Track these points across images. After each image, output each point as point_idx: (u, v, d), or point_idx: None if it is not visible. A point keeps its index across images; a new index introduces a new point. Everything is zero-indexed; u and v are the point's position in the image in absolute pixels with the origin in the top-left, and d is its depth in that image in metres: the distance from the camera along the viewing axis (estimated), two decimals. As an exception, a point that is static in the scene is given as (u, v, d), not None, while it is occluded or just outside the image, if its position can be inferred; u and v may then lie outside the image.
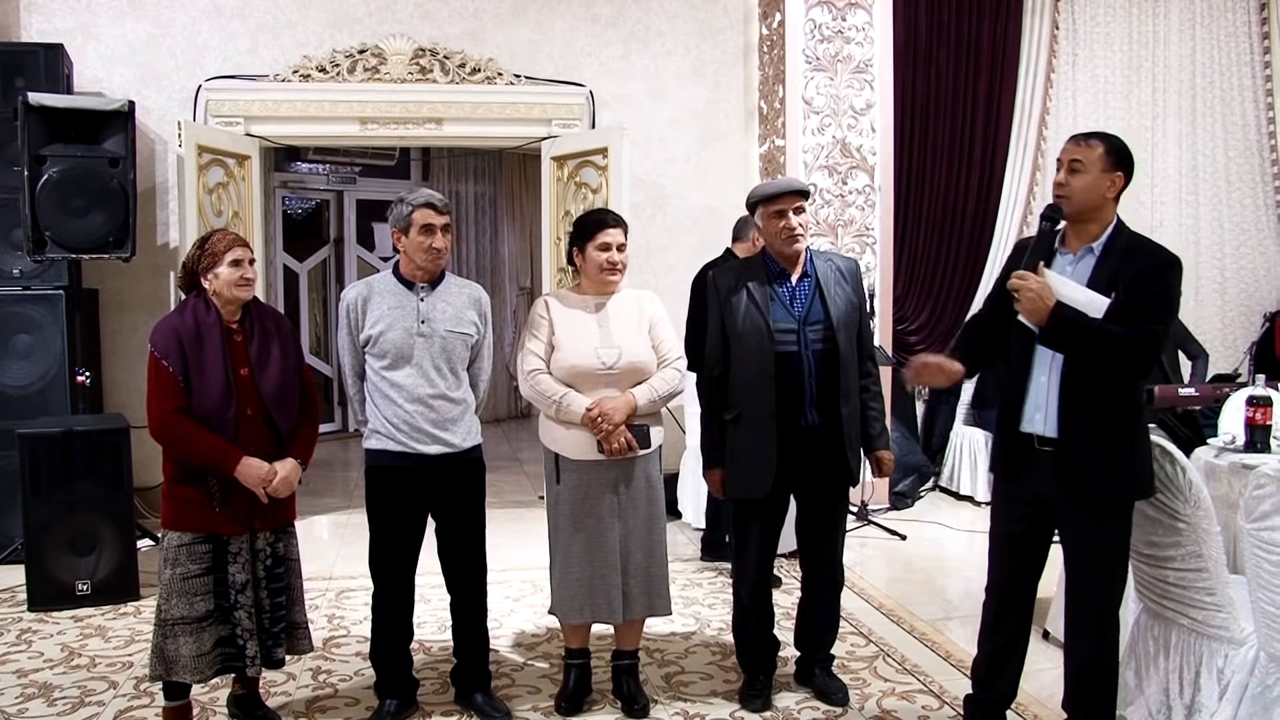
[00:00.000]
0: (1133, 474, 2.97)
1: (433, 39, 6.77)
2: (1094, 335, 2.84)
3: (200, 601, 3.25)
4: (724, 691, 3.80)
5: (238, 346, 3.33)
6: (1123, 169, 2.96)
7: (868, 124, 6.79)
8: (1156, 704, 3.21)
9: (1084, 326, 2.85)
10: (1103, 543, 2.99)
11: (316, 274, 10.25)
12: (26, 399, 5.56)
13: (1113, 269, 2.92)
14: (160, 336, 3.27)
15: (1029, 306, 2.89)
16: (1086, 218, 2.99)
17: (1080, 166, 2.95)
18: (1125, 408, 2.95)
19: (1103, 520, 2.98)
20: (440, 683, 3.84)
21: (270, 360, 3.36)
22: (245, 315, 3.38)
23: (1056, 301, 2.86)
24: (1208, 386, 5.76)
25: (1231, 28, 7.79)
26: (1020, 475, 3.10)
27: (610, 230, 3.56)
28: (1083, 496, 2.96)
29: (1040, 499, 3.06)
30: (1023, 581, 3.20)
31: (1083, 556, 3.03)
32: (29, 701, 3.73)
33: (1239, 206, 7.86)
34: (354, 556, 5.16)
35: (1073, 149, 2.99)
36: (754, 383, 3.51)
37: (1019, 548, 3.16)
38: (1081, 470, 2.94)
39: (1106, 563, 3.01)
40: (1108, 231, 2.98)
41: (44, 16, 6.41)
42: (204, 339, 3.27)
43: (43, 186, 5.35)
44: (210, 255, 3.31)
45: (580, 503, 3.52)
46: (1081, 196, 2.95)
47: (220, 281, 3.30)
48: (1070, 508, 3.00)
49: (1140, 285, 2.86)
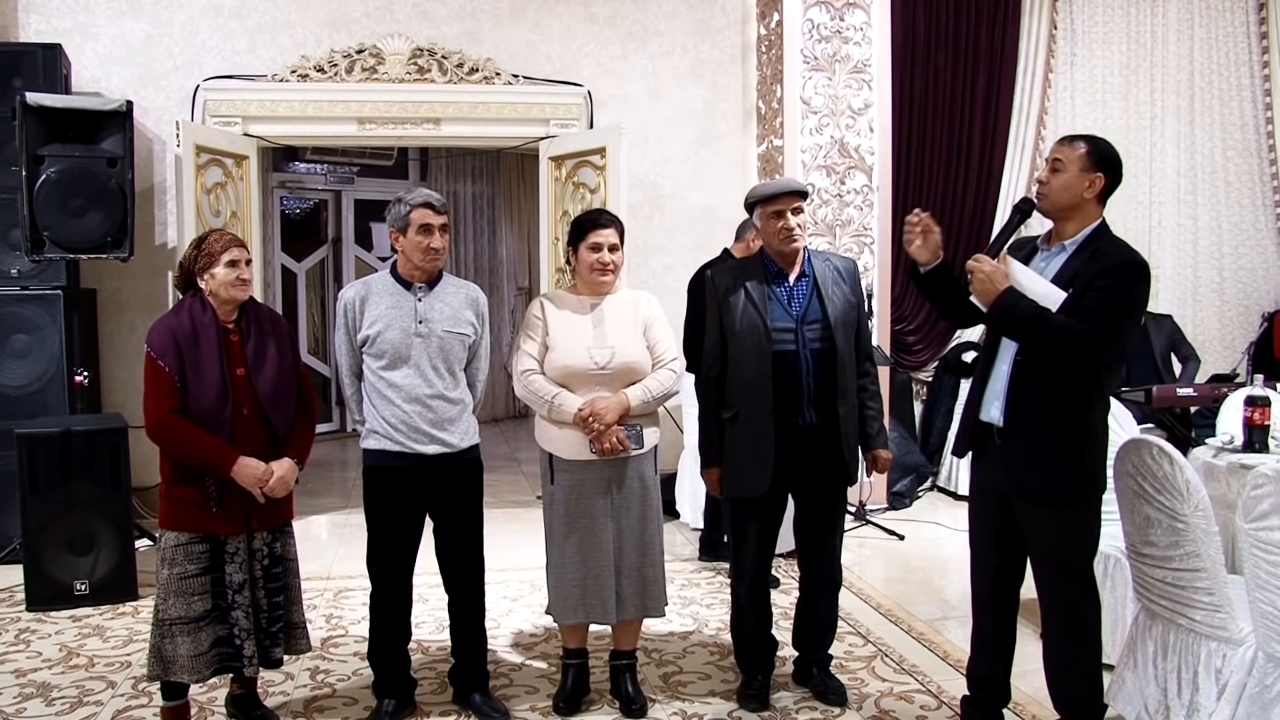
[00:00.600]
0: (1073, 467, 2.97)
1: (431, 39, 6.77)
2: (1033, 321, 2.90)
3: (198, 601, 3.25)
4: (722, 691, 3.80)
5: (234, 346, 3.33)
6: (1104, 170, 2.99)
7: (866, 124, 6.79)
8: (1155, 704, 3.20)
9: (1024, 311, 2.91)
10: (1058, 535, 3.00)
11: (314, 274, 10.24)
12: (25, 399, 5.56)
13: (1077, 267, 2.97)
14: (156, 336, 3.27)
15: (979, 288, 3.00)
16: (1065, 215, 3.04)
17: (1060, 166, 3.01)
18: (1073, 401, 2.96)
19: (1051, 512, 2.99)
20: (438, 682, 3.84)
21: (266, 360, 3.36)
22: (242, 315, 3.38)
23: (1006, 287, 2.94)
24: (1206, 386, 5.78)
25: (1230, 28, 7.79)
26: (979, 464, 3.18)
27: (602, 231, 3.56)
28: (1023, 487, 3.01)
29: (999, 491, 3.10)
30: (1005, 577, 3.20)
31: (1038, 549, 3.06)
32: (27, 701, 3.73)
33: (1237, 207, 7.86)
34: (352, 556, 5.16)
35: (1057, 149, 3.07)
36: (752, 382, 3.51)
37: (995, 542, 3.18)
38: (1021, 460, 3.00)
39: (1065, 557, 3.02)
40: (1085, 231, 3.02)
41: (42, 16, 6.41)
42: (200, 339, 3.27)
43: (41, 186, 5.35)
44: (206, 255, 3.31)
45: (574, 503, 3.52)
46: (1058, 194, 3.01)
47: (216, 282, 3.30)
48: (1020, 499, 3.04)
49: (1095, 282, 2.90)
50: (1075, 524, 3.01)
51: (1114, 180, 3.02)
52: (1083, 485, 2.99)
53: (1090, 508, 3.03)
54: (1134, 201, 7.70)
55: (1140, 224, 7.71)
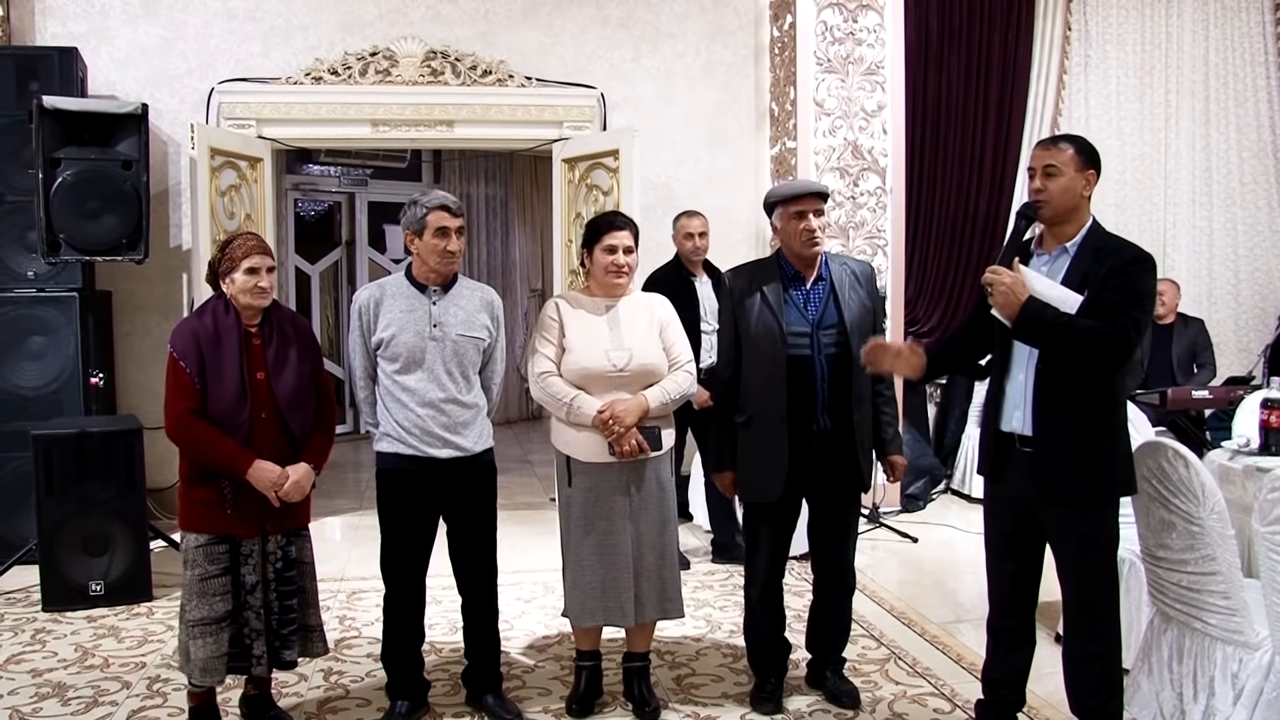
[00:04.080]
0: (1103, 468, 2.97)
1: (444, 41, 6.78)
2: (1062, 329, 2.90)
3: (219, 602, 3.27)
4: (735, 694, 3.80)
5: (255, 350, 3.35)
6: (1093, 167, 3.02)
7: (879, 126, 6.77)
8: (1170, 709, 3.19)
9: (1052, 320, 2.90)
10: (1084, 539, 3.00)
11: (328, 276, 10.27)
12: (40, 400, 5.58)
13: (1085, 268, 2.97)
14: (179, 338, 3.30)
15: (1001, 301, 2.96)
16: (1064, 219, 3.04)
17: (1055, 170, 3.00)
18: (1099, 404, 2.97)
19: (1080, 516, 2.98)
20: (451, 684, 3.85)
21: (287, 365, 3.38)
22: (265, 319, 3.41)
23: (1029, 296, 2.92)
24: (1221, 389, 5.75)
25: (1245, 28, 7.75)
26: (1003, 475, 3.15)
27: (616, 233, 3.56)
28: (1055, 493, 3.00)
29: (1022, 498, 3.09)
30: (1022, 583, 3.19)
31: (1067, 554, 3.04)
32: (43, 701, 3.75)
33: (1252, 208, 7.81)
34: (365, 558, 5.17)
35: (1043, 154, 3.05)
36: (766, 386, 3.51)
37: (1013, 548, 3.17)
38: (1052, 466, 2.99)
39: (1091, 559, 3.01)
40: (1082, 232, 3.03)
41: (58, 20, 6.44)
42: (221, 341, 3.29)
43: (57, 189, 5.37)
44: (229, 260, 3.33)
45: (592, 505, 3.51)
46: (1060, 199, 3.01)
47: (235, 287, 3.33)
48: (1047, 504, 3.03)
49: (1109, 281, 2.90)
50: (1101, 524, 3.00)
51: (1099, 176, 3.06)
52: (1113, 485, 3.01)
53: (1115, 507, 3.04)
54: (1149, 203, 7.67)
55: (1155, 226, 7.68)
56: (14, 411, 5.52)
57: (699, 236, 5.44)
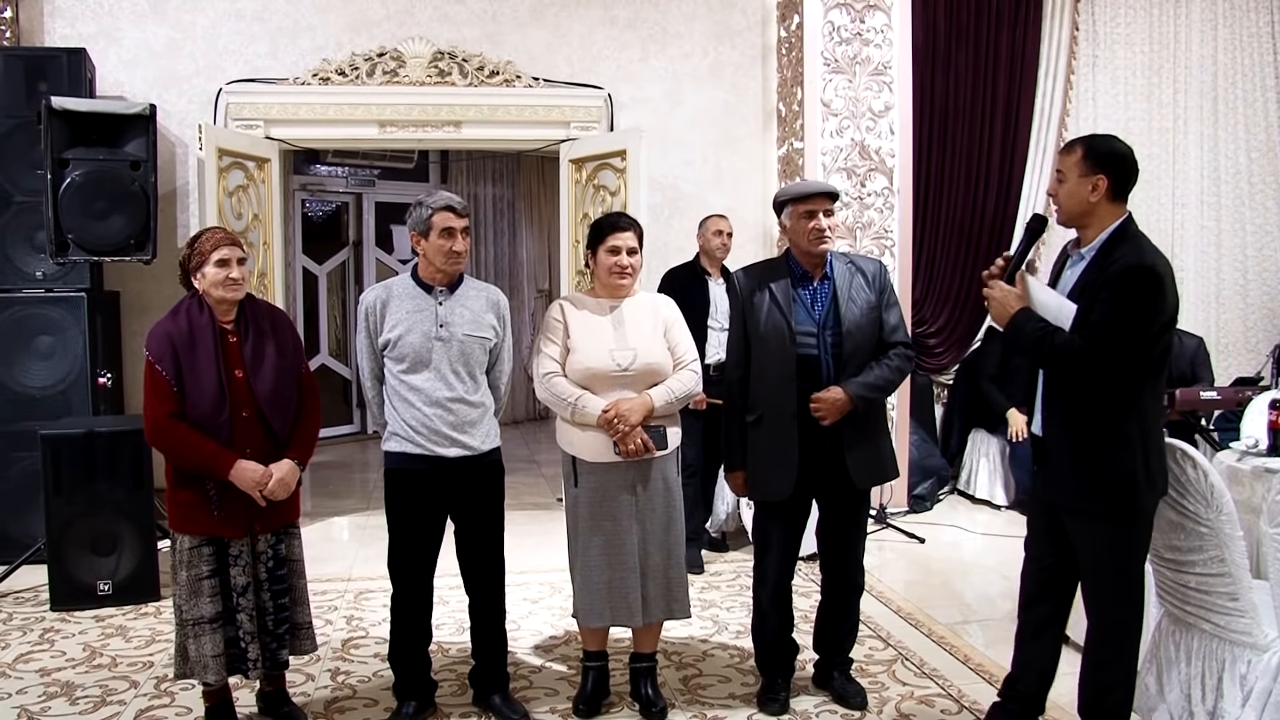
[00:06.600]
0: (1102, 479, 2.90)
1: (451, 42, 6.79)
2: (1038, 343, 2.91)
3: (208, 603, 3.27)
4: (742, 694, 3.79)
5: (232, 348, 3.30)
6: (1105, 170, 2.93)
7: (886, 126, 6.77)
8: (1178, 710, 3.18)
9: (1029, 333, 2.93)
10: (1096, 548, 2.96)
11: (336, 276, 10.29)
12: (49, 400, 5.60)
13: (1090, 276, 2.93)
14: (154, 340, 3.25)
15: (994, 312, 3.06)
16: (1081, 223, 3.02)
17: (1062, 175, 3.00)
18: (1100, 412, 2.90)
19: (1089, 525, 2.95)
20: (458, 684, 3.85)
21: (265, 361, 3.33)
22: (240, 315, 3.36)
23: (1019, 309, 2.96)
24: (1229, 390, 5.72)
25: (1254, 28, 7.72)
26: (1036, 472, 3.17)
27: (620, 234, 3.56)
28: (1058, 499, 3.01)
29: (1047, 499, 3.10)
30: (1050, 581, 3.15)
31: (1083, 560, 3.02)
32: (51, 700, 3.76)
33: (1261, 209, 7.78)
34: (373, 558, 5.17)
35: (1059, 158, 3.06)
36: (776, 384, 3.51)
37: (1052, 540, 3.12)
38: (1055, 472, 3.00)
39: (1106, 569, 2.96)
40: (1103, 236, 2.96)
41: (67, 21, 6.46)
42: (197, 341, 3.25)
43: (65, 189, 5.39)
44: (198, 254, 3.29)
45: (598, 505, 3.52)
46: (1066, 204, 3.00)
47: (207, 281, 3.28)
48: (1060, 510, 3.03)
49: (1100, 294, 2.85)
50: (1112, 535, 2.93)
51: (1122, 177, 2.95)
52: (1114, 497, 2.90)
53: (1129, 519, 2.92)
54: (1157, 204, 7.65)
55: (1163, 226, 7.65)
56: (22, 411, 5.55)
57: (727, 236, 5.54)
